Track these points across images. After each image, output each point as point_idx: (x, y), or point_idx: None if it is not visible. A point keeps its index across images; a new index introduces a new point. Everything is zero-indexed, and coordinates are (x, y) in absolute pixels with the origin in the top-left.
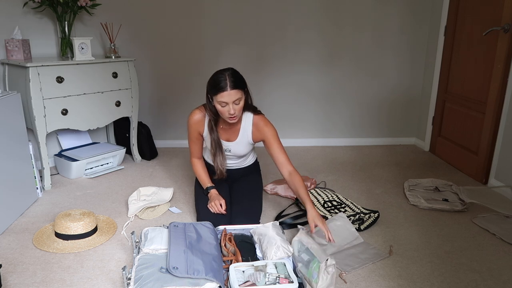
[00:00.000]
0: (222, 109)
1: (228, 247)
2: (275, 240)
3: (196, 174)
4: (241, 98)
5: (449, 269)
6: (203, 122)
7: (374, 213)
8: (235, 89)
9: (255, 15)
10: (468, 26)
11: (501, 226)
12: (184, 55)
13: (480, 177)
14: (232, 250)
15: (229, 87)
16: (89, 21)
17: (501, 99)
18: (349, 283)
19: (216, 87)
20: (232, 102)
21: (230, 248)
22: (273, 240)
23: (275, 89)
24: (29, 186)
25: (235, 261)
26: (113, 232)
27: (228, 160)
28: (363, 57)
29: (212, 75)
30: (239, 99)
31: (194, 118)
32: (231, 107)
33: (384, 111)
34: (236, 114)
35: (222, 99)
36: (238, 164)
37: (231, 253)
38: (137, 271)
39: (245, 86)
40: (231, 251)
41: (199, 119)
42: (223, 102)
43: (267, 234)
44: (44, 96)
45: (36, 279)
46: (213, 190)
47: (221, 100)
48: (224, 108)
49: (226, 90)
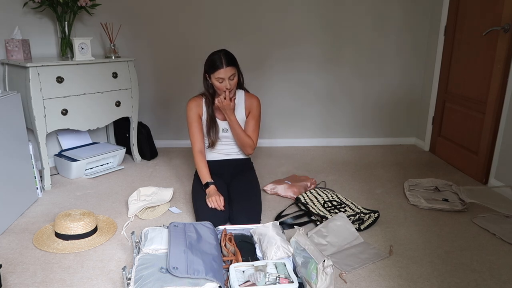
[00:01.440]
0: (219, 84)
1: (228, 247)
2: (275, 240)
3: (196, 167)
4: (235, 74)
5: (449, 269)
6: (201, 105)
7: (374, 213)
8: (230, 66)
9: (255, 15)
10: (468, 26)
11: (501, 226)
12: (184, 55)
13: (480, 177)
14: (232, 250)
15: (224, 64)
16: (89, 21)
17: (501, 99)
18: (349, 283)
19: (214, 66)
20: (228, 77)
21: (230, 248)
22: (273, 240)
23: (275, 89)
24: (29, 186)
25: (235, 261)
26: (113, 232)
27: (226, 144)
28: (363, 56)
29: (208, 56)
30: (233, 75)
31: (193, 102)
32: (227, 82)
33: (384, 111)
34: (232, 88)
35: (220, 75)
36: (236, 152)
37: (231, 253)
38: (137, 271)
39: (237, 64)
40: (231, 251)
41: (197, 102)
42: (220, 78)
43: (267, 234)
44: (44, 96)
45: (36, 279)
46: (212, 186)
47: (218, 77)
48: (221, 83)
49: (222, 67)
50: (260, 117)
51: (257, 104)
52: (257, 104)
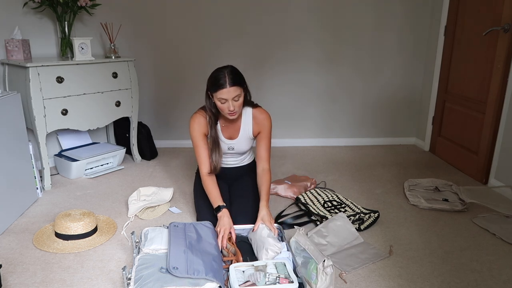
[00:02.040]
0: (222, 105)
1: (228, 248)
2: (263, 243)
3: (206, 191)
4: (240, 95)
5: (449, 269)
6: (205, 123)
7: (374, 213)
8: (234, 86)
9: (256, 15)
10: (468, 26)
11: (501, 226)
12: (184, 55)
13: (480, 177)
14: (232, 251)
15: (228, 84)
16: (89, 21)
17: (501, 99)
18: (349, 283)
19: (216, 84)
20: (232, 98)
21: (230, 248)
22: (261, 243)
23: (275, 89)
24: (29, 186)
25: (235, 261)
26: (113, 232)
27: (230, 158)
28: (363, 56)
29: (211, 73)
30: (238, 96)
31: (196, 120)
32: (230, 103)
33: (384, 111)
34: (236, 111)
35: (222, 96)
36: (238, 162)
37: (231, 253)
38: (137, 271)
39: (244, 83)
40: (231, 251)
41: (201, 120)
42: (222, 99)
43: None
44: (44, 96)
45: (36, 279)
46: (225, 211)
47: (221, 97)
48: (224, 104)
49: (225, 87)
50: (270, 135)
51: (269, 123)
52: (269, 123)
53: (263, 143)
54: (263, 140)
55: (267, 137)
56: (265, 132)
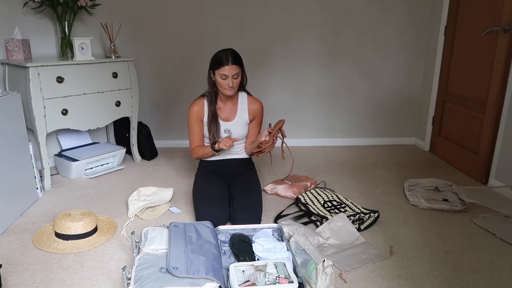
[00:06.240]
0: (222, 81)
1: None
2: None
3: (198, 153)
4: (239, 74)
5: (449, 269)
6: (202, 106)
7: (374, 213)
8: (235, 65)
9: (256, 15)
10: (468, 26)
11: (501, 226)
12: (184, 55)
13: (480, 177)
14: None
15: (230, 62)
16: (89, 21)
17: (501, 99)
18: (349, 283)
19: (219, 62)
20: (232, 76)
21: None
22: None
23: (275, 89)
24: (29, 186)
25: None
26: (113, 232)
27: None
28: (363, 56)
29: (215, 53)
30: (237, 74)
31: (195, 105)
32: (230, 80)
33: (384, 111)
34: (234, 86)
35: (224, 72)
36: (235, 150)
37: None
38: (137, 271)
39: (243, 65)
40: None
41: (199, 105)
42: (224, 75)
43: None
44: (44, 96)
45: (36, 279)
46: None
47: (222, 73)
48: (224, 80)
49: (227, 64)
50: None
51: (262, 110)
52: (262, 110)
53: (256, 129)
54: (256, 127)
55: (259, 124)
56: (258, 119)
